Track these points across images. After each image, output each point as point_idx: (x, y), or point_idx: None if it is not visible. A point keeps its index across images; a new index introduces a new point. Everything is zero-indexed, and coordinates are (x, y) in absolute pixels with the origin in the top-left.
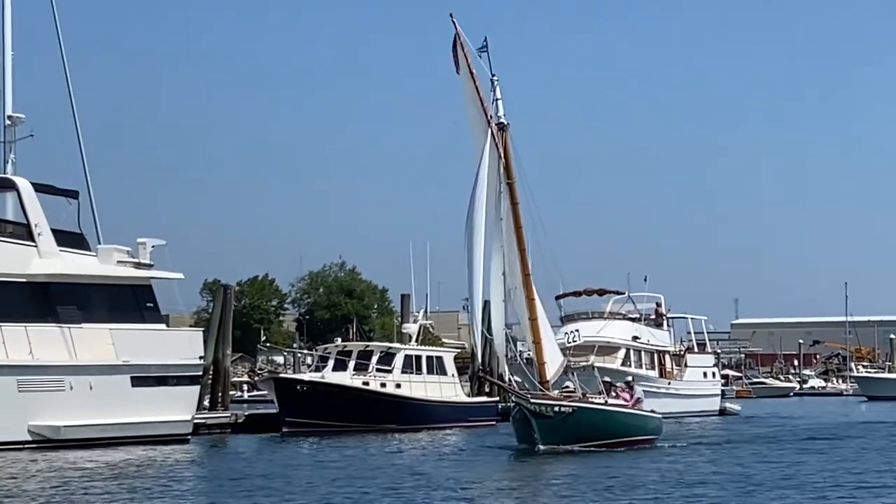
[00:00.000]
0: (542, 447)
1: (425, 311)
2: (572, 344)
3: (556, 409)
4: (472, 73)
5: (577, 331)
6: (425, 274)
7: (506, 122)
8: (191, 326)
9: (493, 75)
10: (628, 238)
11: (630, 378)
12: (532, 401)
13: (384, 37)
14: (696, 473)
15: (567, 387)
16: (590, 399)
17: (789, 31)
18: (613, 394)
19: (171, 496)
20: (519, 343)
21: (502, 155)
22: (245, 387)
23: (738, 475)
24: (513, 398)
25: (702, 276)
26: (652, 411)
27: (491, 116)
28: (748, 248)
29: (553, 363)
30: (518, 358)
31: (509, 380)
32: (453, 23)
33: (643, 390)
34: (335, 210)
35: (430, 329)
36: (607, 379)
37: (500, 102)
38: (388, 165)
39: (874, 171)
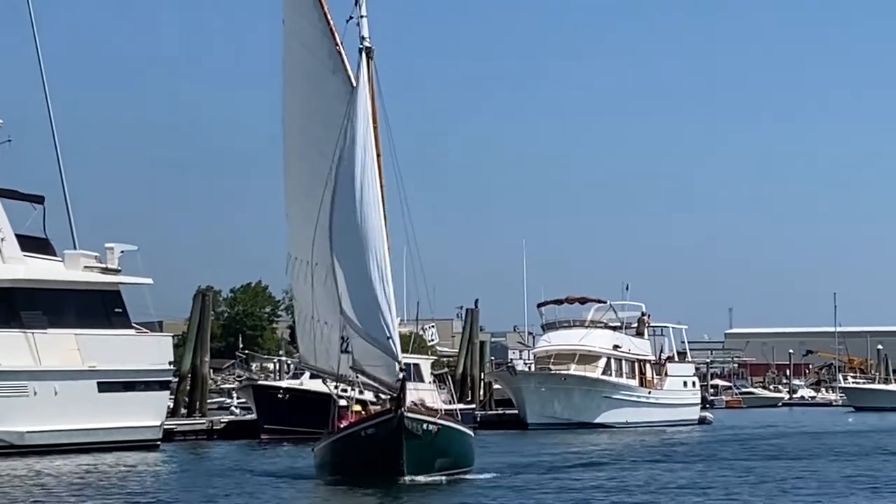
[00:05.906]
0: (407, 478)
1: (416, 318)
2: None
3: (426, 427)
4: None
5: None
6: (419, 279)
7: (370, 47)
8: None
9: None
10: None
11: None
12: (408, 415)
13: None
14: None
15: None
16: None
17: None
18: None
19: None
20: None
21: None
22: (234, 394)
23: None
24: (396, 411)
25: (697, 286)
26: None
27: (341, 42)
28: (743, 257)
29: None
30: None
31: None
32: None
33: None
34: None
35: (423, 336)
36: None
37: (364, 21)
38: None
39: (864, 182)
